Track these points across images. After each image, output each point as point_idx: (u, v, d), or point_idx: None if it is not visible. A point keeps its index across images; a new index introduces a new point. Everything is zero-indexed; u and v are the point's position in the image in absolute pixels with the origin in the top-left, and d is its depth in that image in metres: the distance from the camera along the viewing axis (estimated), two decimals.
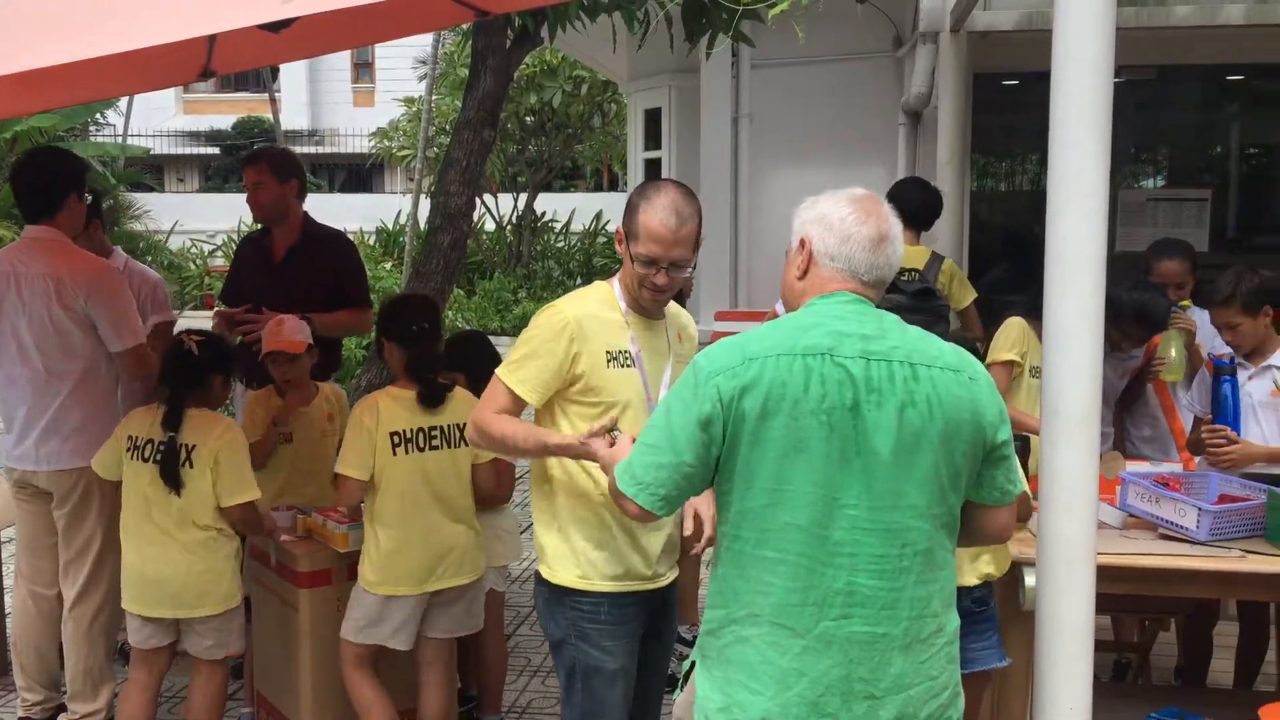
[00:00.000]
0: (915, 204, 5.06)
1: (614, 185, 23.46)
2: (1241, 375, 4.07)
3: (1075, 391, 2.61)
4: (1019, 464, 2.23)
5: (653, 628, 2.92)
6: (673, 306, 2.96)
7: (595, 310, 2.79)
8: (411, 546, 3.54)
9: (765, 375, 2.06)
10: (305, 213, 4.69)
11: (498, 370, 2.79)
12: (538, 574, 2.88)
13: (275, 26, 3.60)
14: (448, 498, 3.61)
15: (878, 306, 2.23)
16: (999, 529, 2.30)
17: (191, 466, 3.53)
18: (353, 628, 3.59)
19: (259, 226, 4.80)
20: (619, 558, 2.78)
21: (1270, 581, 3.27)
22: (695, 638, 5.13)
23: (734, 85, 8.58)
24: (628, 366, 2.76)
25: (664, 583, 2.91)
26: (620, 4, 5.11)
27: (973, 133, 6.55)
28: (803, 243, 2.23)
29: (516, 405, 2.77)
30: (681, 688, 2.57)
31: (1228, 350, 4.16)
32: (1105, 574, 2.85)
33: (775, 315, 4.22)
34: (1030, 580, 2.88)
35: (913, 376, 2.09)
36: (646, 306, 2.81)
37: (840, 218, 2.19)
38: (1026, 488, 2.26)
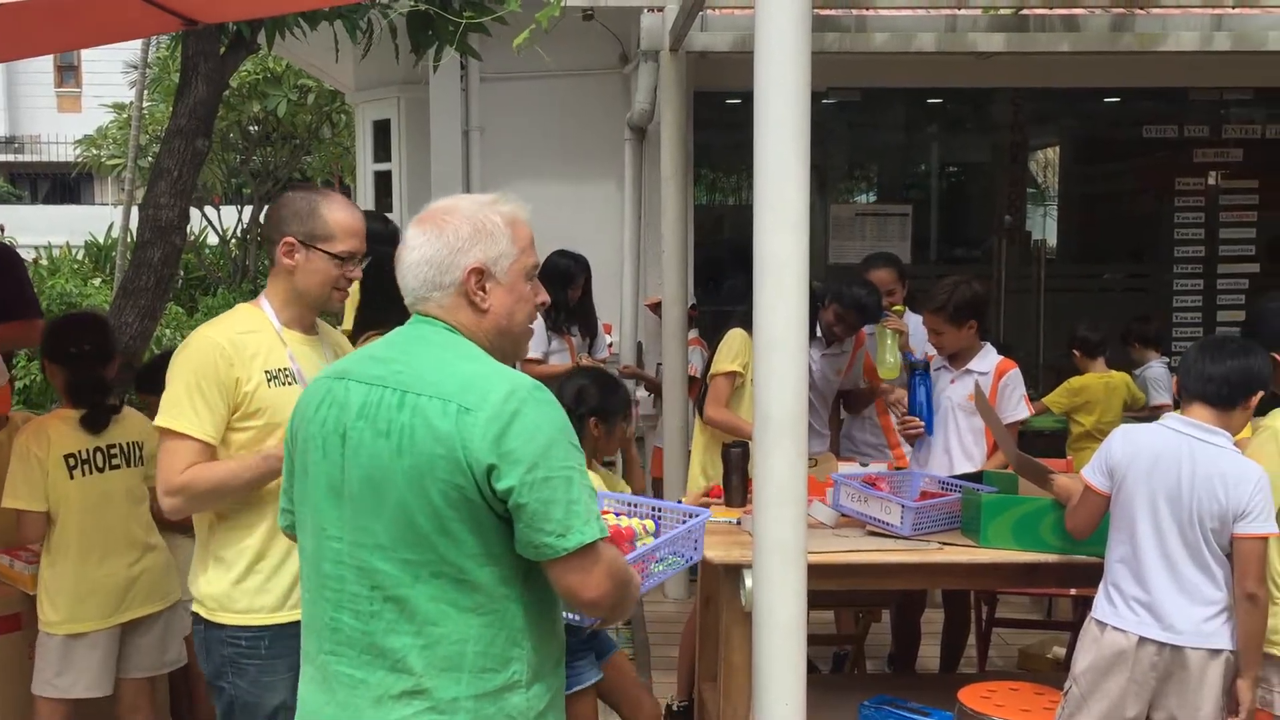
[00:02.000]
0: None
1: (346, 196, 22.86)
2: (945, 378, 4.38)
3: (784, 398, 2.72)
4: (573, 512, 1.86)
5: None
6: (323, 325, 2.89)
7: (246, 331, 2.66)
8: (96, 576, 3.32)
9: (302, 400, 2.07)
10: None
11: (166, 424, 2.56)
12: (193, 611, 2.69)
13: None
14: (133, 519, 3.42)
15: None
16: (564, 591, 1.92)
17: None
18: (41, 681, 3.33)
19: None
20: (281, 586, 2.64)
21: (966, 570, 3.53)
22: None
23: (464, 98, 8.52)
24: (289, 384, 2.64)
25: None
26: (341, 13, 4.98)
27: (701, 148, 6.76)
28: None
29: (204, 453, 2.56)
30: None
31: (934, 352, 4.50)
32: (818, 571, 2.99)
33: None
34: (750, 582, 2.98)
35: (398, 404, 1.91)
36: (336, 309, 2.80)
37: None
38: (590, 539, 1.87)
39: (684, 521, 2.70)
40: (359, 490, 1.93)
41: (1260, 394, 3.01)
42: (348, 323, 4.90)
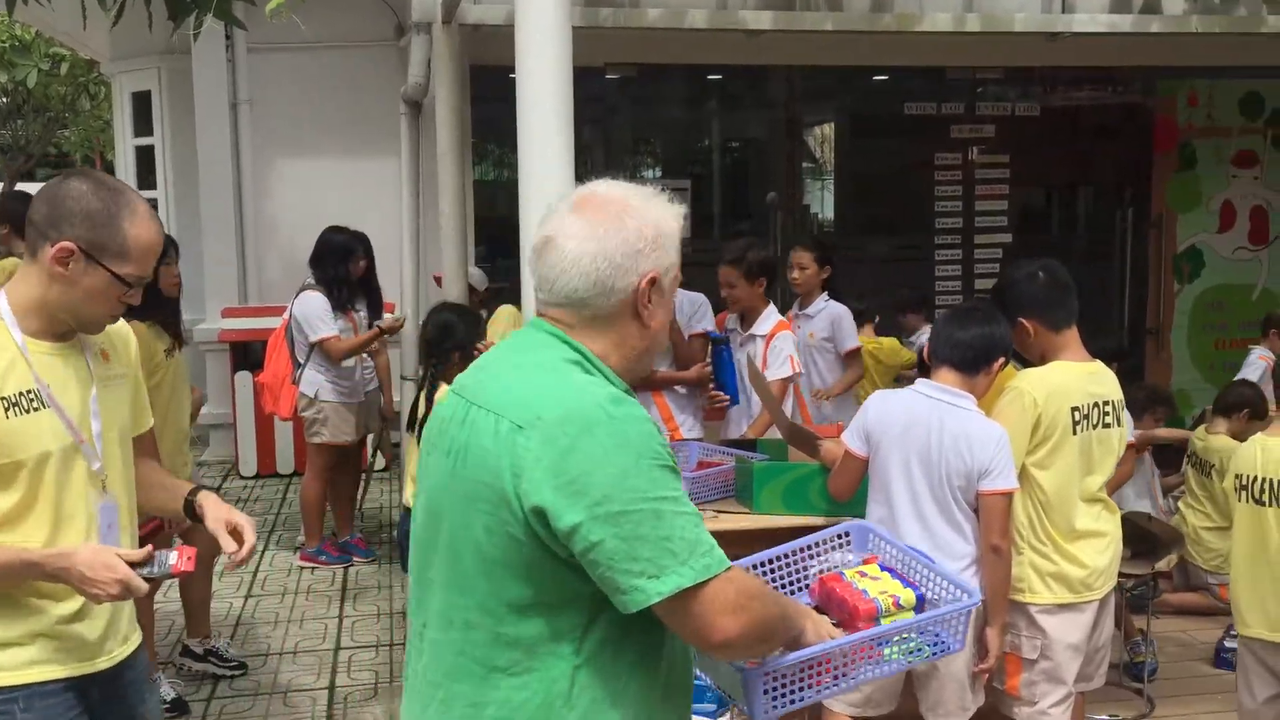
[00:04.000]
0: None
1: (109, 173, 21.67)
2: (735, 342, 4.58)
3: None
4: (666, 549, 1.55)
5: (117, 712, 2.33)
6: None
7: None
8: None
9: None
10: None
11: None
12: None
13: None
14: None
15: None
16: (687, 637, 1.63)
17: None
18: None
19: None
20: (47, 636, 2.20)
21: (740, 536, 3.60)
22: (206, 650, 4.81)
23: (230, 69, 8.18)
24: (35, 410, 2.15)
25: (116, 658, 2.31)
26: None
27: (485, 123, 6.68)
28: None
29: None
30: None
31: (709, 327, 4.66)
32: None
33: None
34: None
35: (462, 419, 1.66)
36: (98, 335, 2.28)
37: None
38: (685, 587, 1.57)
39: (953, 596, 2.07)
40: (423, 518, 1.72)
41: (1002, 359, 3.20)
42: None
